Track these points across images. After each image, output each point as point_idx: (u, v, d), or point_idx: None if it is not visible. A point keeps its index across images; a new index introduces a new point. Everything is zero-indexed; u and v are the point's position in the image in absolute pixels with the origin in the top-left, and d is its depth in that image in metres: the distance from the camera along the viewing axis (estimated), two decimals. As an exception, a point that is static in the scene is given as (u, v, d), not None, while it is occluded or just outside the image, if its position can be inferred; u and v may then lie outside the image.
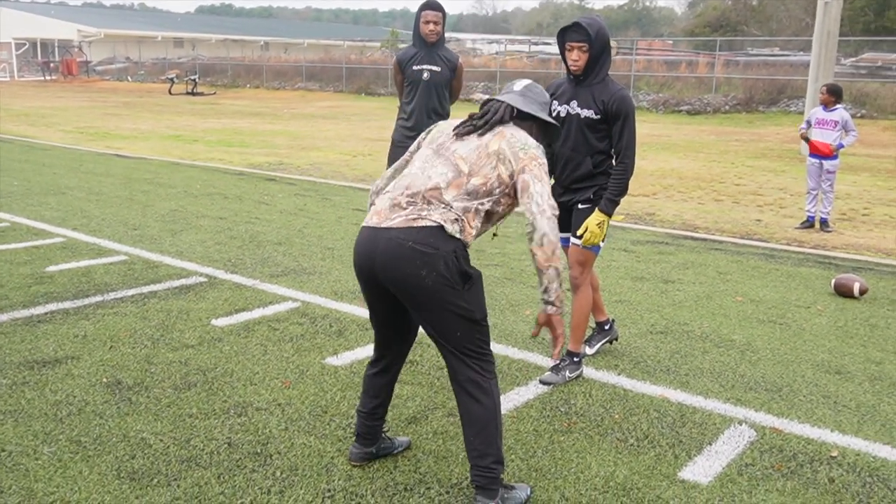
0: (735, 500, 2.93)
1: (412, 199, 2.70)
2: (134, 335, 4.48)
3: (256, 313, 4.94)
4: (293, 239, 7.07)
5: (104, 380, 3.86)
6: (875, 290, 5.88)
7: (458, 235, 2.65)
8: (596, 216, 3.89)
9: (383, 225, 2.69)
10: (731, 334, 4.83)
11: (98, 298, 5.14)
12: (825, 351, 4.58)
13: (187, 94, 33.50)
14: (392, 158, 5.93)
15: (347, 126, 20.45)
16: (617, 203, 3.91)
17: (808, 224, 8.34)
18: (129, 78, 43.93)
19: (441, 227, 2.63)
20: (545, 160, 2.77)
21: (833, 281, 5.86)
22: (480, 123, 2.83)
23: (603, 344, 4.41)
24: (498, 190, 2.73)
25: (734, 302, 5.52)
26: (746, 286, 5.95)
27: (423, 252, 2.60)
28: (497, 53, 35.21)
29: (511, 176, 2.72)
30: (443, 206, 2.67)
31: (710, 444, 3.37)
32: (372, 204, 2.96)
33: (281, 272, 5.92)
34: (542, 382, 3.94)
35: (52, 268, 5.83)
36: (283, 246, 6.79)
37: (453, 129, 2.86)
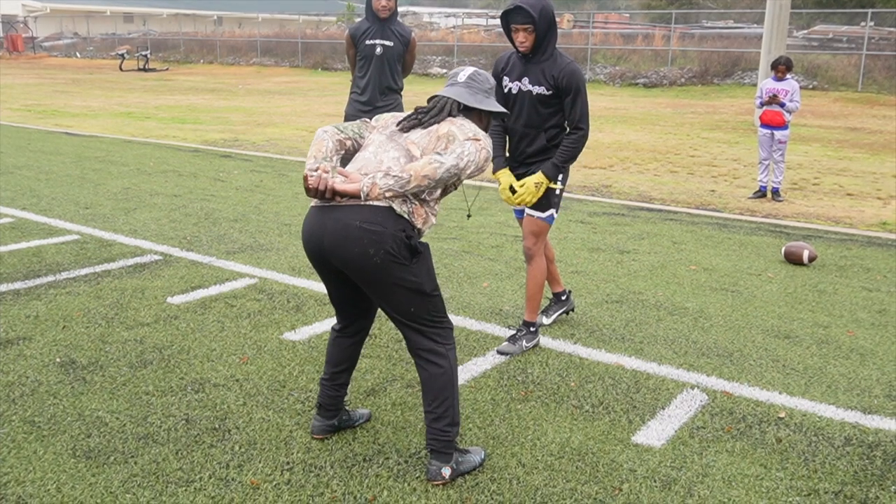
0: (686, 462, 3.01)
1: None
2: (87, 314, 4.43)
3: (213, 290, 4.91)
4: (249, 216, 7.01)
5: (57, 360, 3.81)
6: (824, 258, 6.03)
7: (405, 216, 2.66)
8: (537, 176, 3.90)
9: (331, 204, 2.68)
10: (685, 302, 4.92)
11: (50, 278, 5.06)
12: (775, 317, 4.69)
13: (139, 70, 32.80)
14: (347, 133, 5.89)
15: (304, 102, 20.23)
16: (559, 169, 3.92)
17: (761, 194, 8.49)
18: (77, 54, 42.85)
19: (390, 208, 2.64)
20: (491, 150, 2.76)
21: (783, 249, 5.99)
22: (426, 119, 2.83)
23: (559, 314, 4.47)
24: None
25: (688, 271, 5.62)
26: (700, 255, 6.05)
27: (371, 231, 2.61)
28: (454, 27, 35.01)
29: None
30: None
31: (664, 409, 3.45)
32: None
33: (237, 249, 5.87)
34: (500, 352, 3.98)
35: (1, 248, 5.71)
36: (239, 223, 6.73)
37: (397, 124, 2.86)
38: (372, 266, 2.63)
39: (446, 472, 2.80)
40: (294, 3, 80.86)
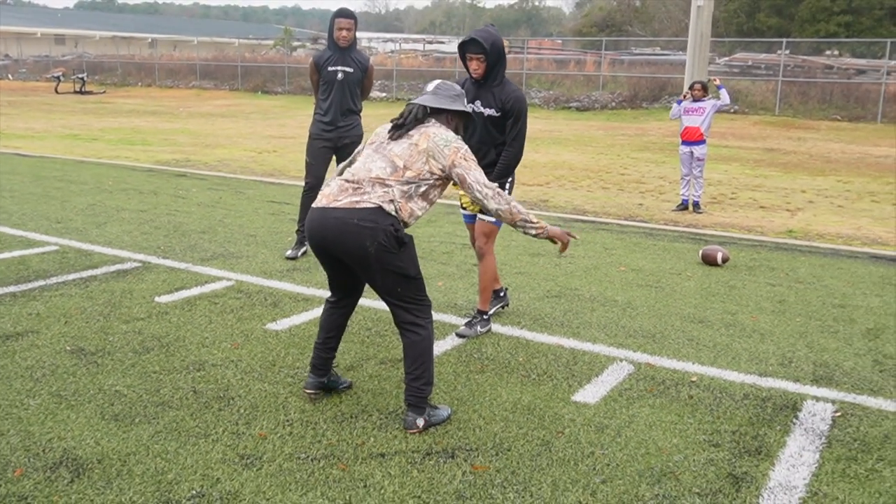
0: (616, 413, 3.68)
1: (357, 186, 3.34)
2: (85, 312, 4.91)
3: (195, 291, 5.43)
4: (216, 228, 7.52)
5: (67, 348, 4.30)
6: (736, 259, 6.83)
7: (393, 213, 3.29)
8: None
9: (331, 205, 3.32)
10: (615, 296, 5.63)
11: (41, 283, 5.50)
12: (691, 307, 5.44)
13: (75, 92, 32.67)
14: (310, 149, 6.51)
15: (247, 124, 20.66)
16: (500, 185, 4.59)
17: (683, 207, 9.34)
18: (9, 76, 42.28)
19: (380, 207, 3.27)
20: (466, 146, 3.44)
21: (700, 252, 6.78)
22: (401, 123, 3.47)
23: (497, 308, 5.08)
24: (430, 178, 3.38)
25: (618, 271, 6.35)
26: (628, 258, 6.80)
27: (365, 227, 3.24)
28: (392, 52, 35.82)
29: (443, 169, 3.38)
30: (382, 190, 3.30)
31: (597, 377, 4.12)
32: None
33: (210, 256, 6.39)
34: (458, 335, 4.62)
35: (-14, 258, 6.11)
36: (207, 234, 7.23)
37: (387, 132, 3.49)
38: (367, 255, 3.25)
39: (420, 422, 3.41)
40: (229, 27, 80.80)
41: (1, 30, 51.98)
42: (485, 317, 4.75)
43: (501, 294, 5.11)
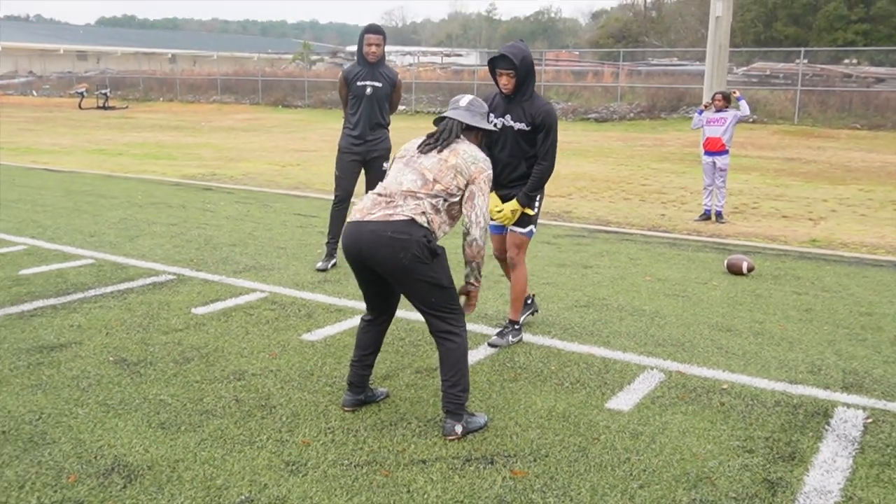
0: (650, 420, 3.74)
1: (390, 199, 3.45)
2: (124, 323, 5.03)
3: (230, 302, 5.54)
4: (246, 241, 7.65)
5: (110, 358, 4.41)
6: (761, 269, 6.87)
7: (425, 225, 3.39)
8: (512, 204, 4.66)
9: (366, 219, 3.42)
10: (643, 305, 5.70)
11: (80, 295, 5.64)
12: (719, 315, 5.49)
13: (98, 108, 33.14)
14: (339, 163, 6.62)
15: (269, 138, 20.88)
16: (531, 198, 4.68)
17: (706, 217, 9.39)
18: (34, 92, 42.92)
19: (412, 220, 3.38)
20: (491, 172, 3.59)
21: (725, 261, 6.83)
22: (441, 140, 3.57)
23: (527, 315, 5.13)
24: (458, 193, 3.51)
25: (644, 281, 6.41)
26: (654, 268, 6.86)
27: (399, 239, 3.34)
28: (411, 65, 36.07)
29: (467, 184, 3.50)
30: (414, 203, 3.41)
31: (629, 384, 4.19)
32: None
33: (242, 269, 6.51)
34: (490, 345, 4.70)
35: (24, 271, 6.26)
36: (237, 247, 7.36)
37: (417, 147, 3.60)
38: (401, 266, 3.35)
39: (458, 429, 3.49)
40: (248, 41, 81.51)
41: (24, 46, 52.84)
42: (516, 327, 4.83)
43: (529, 301, 5.19)
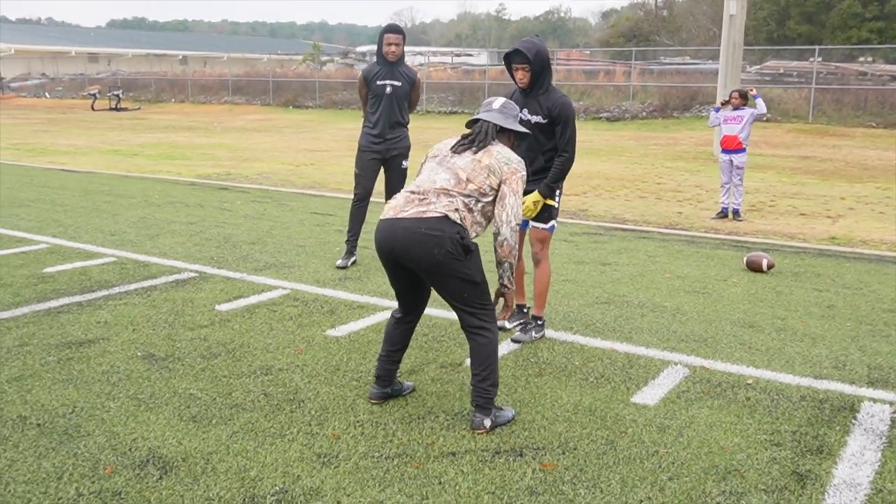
0: (676, 414, 3.76)
1: (423, 196, 3.48)
2: (150, 320, 5.08)
3: (253, 299, 5.58)
4: (264, 239, 7.69)
5: (138, 354, 4.46)
6: (780, 266, 6.87)
7: (458, 222, 3.41)
8: (534, 195, 4.67)
9: (399, 216, 3.45)
10: (663, 302, 5.71)
11: (104, 293, 5.69)
12: (740, 312, 5.49)
13: (111, 109, 33.33)
14: (359, 161, 6.66)
15: (282, 138, 20.96)
16: (552, 189, 4.69)
17: (723, 214, 9.38)
18: (46, 94, 43.19)
19: (446, 216, 3.40)
20: (524, 173, 3.59)
21: (745, 258, 6.83)
22: (477, 141, 3.60)
23: (518, 324, 4.98)
24: (490, 193, 3.53)
25: (663, 278, 6.42)
26: (673, 266, 6.87)
27: (433, 236, 3.36)
28: (421, 65, 36.11)
29: (499, 184, 3.53)
30: (447, 200, 3.44)
31: (654, 379, 4.20)
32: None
33: (263, 266, 6.55)
34: (514, 341, 4.72)
35: (49, 269, 6.32)
36: (257, 245, 7.40)
37: (450, 148, 3.63)
38: (435, 262, 3.37)
39: (487, 422, 3.52)
40: (257, 42, 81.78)
41: (37, 49, 53.15)
42: (539, 322, 4.85)
43: (524, 311, 5.11)
